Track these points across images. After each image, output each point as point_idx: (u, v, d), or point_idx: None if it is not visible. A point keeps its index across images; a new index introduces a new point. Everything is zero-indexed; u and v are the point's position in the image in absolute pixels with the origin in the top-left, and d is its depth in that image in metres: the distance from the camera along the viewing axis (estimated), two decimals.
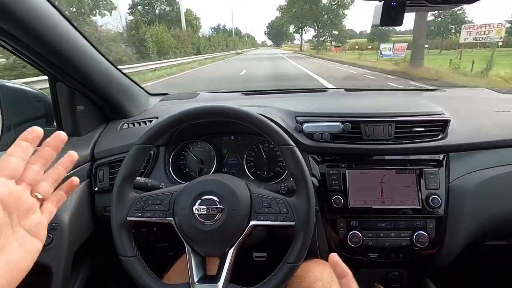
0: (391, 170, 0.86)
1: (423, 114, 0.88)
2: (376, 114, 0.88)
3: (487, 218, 0.86)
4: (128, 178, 0.63)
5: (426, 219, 0.84)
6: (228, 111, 0.64)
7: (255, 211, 0.60)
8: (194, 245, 0.61)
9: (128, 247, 0.61)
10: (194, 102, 1.20)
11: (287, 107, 0.95)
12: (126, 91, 1.01)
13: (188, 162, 0.99)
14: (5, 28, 0.60)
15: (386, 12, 0.59)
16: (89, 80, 0.84)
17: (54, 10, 0.67)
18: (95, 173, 0.87)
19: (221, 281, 0.58)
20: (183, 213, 0.59)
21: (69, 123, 0.89)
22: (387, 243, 0.84)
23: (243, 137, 0.98)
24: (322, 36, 49.68)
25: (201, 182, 0.63)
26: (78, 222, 0.79)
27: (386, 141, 0.85)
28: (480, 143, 0.87)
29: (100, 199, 0.87)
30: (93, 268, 0.94)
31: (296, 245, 0.58)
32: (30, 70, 4.14)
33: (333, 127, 0.86)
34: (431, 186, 0.84)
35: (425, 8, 0.60)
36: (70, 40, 0.73)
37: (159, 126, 0.65)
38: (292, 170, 0.62)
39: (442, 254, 0.85)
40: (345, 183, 0.86)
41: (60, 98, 0.87)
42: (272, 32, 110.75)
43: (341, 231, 0.85)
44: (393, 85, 7.97)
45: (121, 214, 0.61)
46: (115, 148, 0.89)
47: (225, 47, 45.30)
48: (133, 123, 0.98)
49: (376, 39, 47.61)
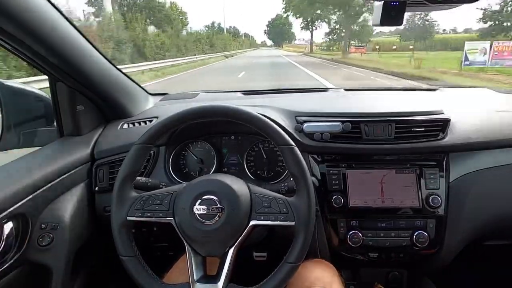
0: (391, 170, 0.86)
1: (423, 114, 0.88)
2: (376, 114, 0.88)
3: (487, 218, 0.86)
4: (128, 178, 0.63)
5: (426, 219, 0.84)
6: (228, 111, 0.64)
7: (255, 211, 0.60)
8: (194, 245, 0.61)
9: (128, 247, 0.61)
10: (194, 102, 1.20)
11: (287, 107, 0.95)
12: (126, 91, 1.01)
13: (188, 162, 0.99)
14: (5, 28, 0.60)
15: (386, 12, 0.59)
16: (89, 80, 0.84)
17: (54, 10, 0.67)
18: (95, 173, 0.87)
19: (221, 281, 0.58)
20: (183, 213, 0.59)
21: (69, 123, 0.89)
22: (387, 243, 0.84)
23: (243, 137, 0.98)
24: (336, 32, 36.21)
25: (201, 182, 0.63)
26: (78, 222, 0.79)
27: (386, 141, 0.85)
28: (480, 143, 0.87)
29: (100, 199, 0.87)
30: (93, 268, 0.94)
31: (296, 245, 0.58)
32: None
33: (333, 127, 0.86)
34: (431, 186, 0.84)
35: (426, 8, 0.60)
36: (70, 40, 0.73)
37: (159, 126, 0.65)
38: (292, 170, 0.62)
39: (442, 254, 0.85)
40: (345, 183, 0.86)
41: (60, 98, 0.87)
42: (273, 31, 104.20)
43: (341, 231, 0.85)
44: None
45: (121, 214, 0.61)
46: (115, 148, 0.89)
47: (209, 47, 31.92)
48: (133, 123, 0.98)
49: (412, 36, 37.62)
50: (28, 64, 0.75)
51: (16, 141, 0.86)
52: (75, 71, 0.79)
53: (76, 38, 0.75)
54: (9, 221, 0.64)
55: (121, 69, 0.97)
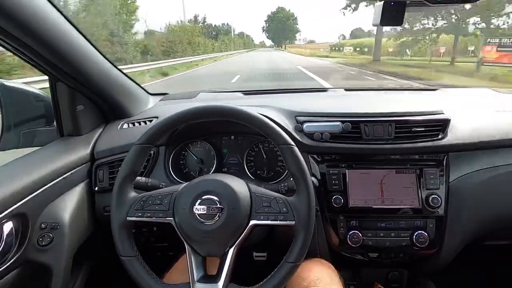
0: (391, 170, 0.86)
1: (423, 114, 0.88)
2: (376, 114, 0.88)
3: (487, 218, 0.86)
4: (128, 178, 0.63)
5: (426, 219, 0.84)
6: (228, 111, 0.64)
7: (255, 211, 0.60)
8: (194, 245, 0.61)
9: (128, 247, 0.61)
10: (194, 101, 1.20)
11: (287, 107, 0.95)
12: (126, 91, 1.01)
13: (188, 162, 0.99)
14: (6, 28, 0.60)
15: (386, 12, 0.60)
16: (89, 80, 0.84)
17: (54, 10, 0.67)
18: (95, 173, 0.87)
19: (221, 281, 0.58)
20: (183, 213, 0.59)
21: (69, 123, 0.89)
22: (387, 243, 0.84)
23: (243, 137, 0.98)
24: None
25: (201, 182, 0.63)
26: (78, 222, 0.79)
27: (386, 141, 0.85)
28: (480, 143, 0.87)
29: (100, 199, 0.87)
30: (93, 268, 0.94)
31: (296, 244, 0.58)
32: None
33: (333, 127, 0.86)
34: (431, 186, 0.84)
35: (425, 7, 0.60)
36: (70, 40, 0.73)
37: (159, 126, 0.65)
38: (292, 169, 0.62)
39: (442, 254, 0.85)
40: (345, 183, 0.86)
41: (60, 98, 0.87)
42: (273, 28, 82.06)
43: (341, 230, 0.85)
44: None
45: (121, 214, 0.61)
46: (115, 148, 0.89)
47: (142, 55, 15.54)
48: (133, 123, 0.98)
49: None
50: (28, 64, 0.75)
51: (16, 141, 0.86)
52: (75, 71, 0.79)
53: (76, 38, 0.75)
54: (9, 221, 0.64)
55: None
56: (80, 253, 0.80)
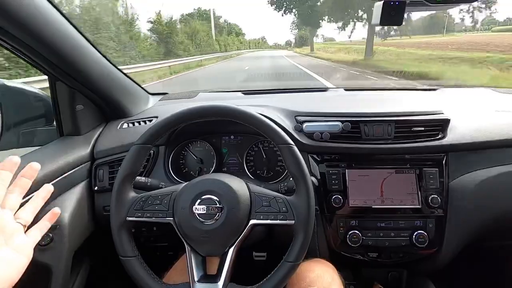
0: (390, 169, 0.86)
1: (422, 113, 0.88)
2: (376, 114, 0.88)
3: (487, 218, 0.86)
4: (127, 178, 0.63)
5: (426, 218, 0.84)
6: (227, 111, 0.64)
7: (254, 210, 0.60)
8: (194, 244, 0.61)
9: (128, 247, 0.61)
10: (194, 101, 1.20)
11: (287, 107, 0.95)
12: (126, 90, 1.01)
13: (187, 162, 0.99)
14: (5, 27, 0.60)
15: (386, 11, 0.60)
16: (89, 80, 0.84)
17: (54, 10, 0.67)
18: (95, 172, 0.87)
19: (221, 281, 0.58)
20: (183, 213, 0.59)
21: (68, 122, 0.89)
22: (387, 242, 0.84)
23: (243, 137, 0.98)
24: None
25: (200, 181, 0.63)
26: (78, 221, 0.79)
27: (385, 141, 0.85)
28: (480, 143, 0.87)
29: (99, 199, 0.87)
30: (93, 267, 0.94)
31: (296, 244, 0.58)
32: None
33: (333, 127, 0.86)
34: (431, 185, 0.84)
35: (425, 7, 0.60)
36: (70, 40, 0.73)
37: (159, 126, 0.65)
38: (292, 169, 0.62)
39: (441, 254, 0.85)
40: (345, 183, 0.86)
41: (60, 97, 0.87)
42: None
43: (340, 230, 0.85)
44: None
45: (120, 214, 0.61)
46: (115, 148, 0.89)
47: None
48: (132, 123, 0.98)
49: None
50: (28, 63, 0.75)
51: (16, 141, 0.86)
52: (75, 71, 0.79)
53: (76, 37, 0.75)
54: None
55: None
56: (79, 253, 0.80)
